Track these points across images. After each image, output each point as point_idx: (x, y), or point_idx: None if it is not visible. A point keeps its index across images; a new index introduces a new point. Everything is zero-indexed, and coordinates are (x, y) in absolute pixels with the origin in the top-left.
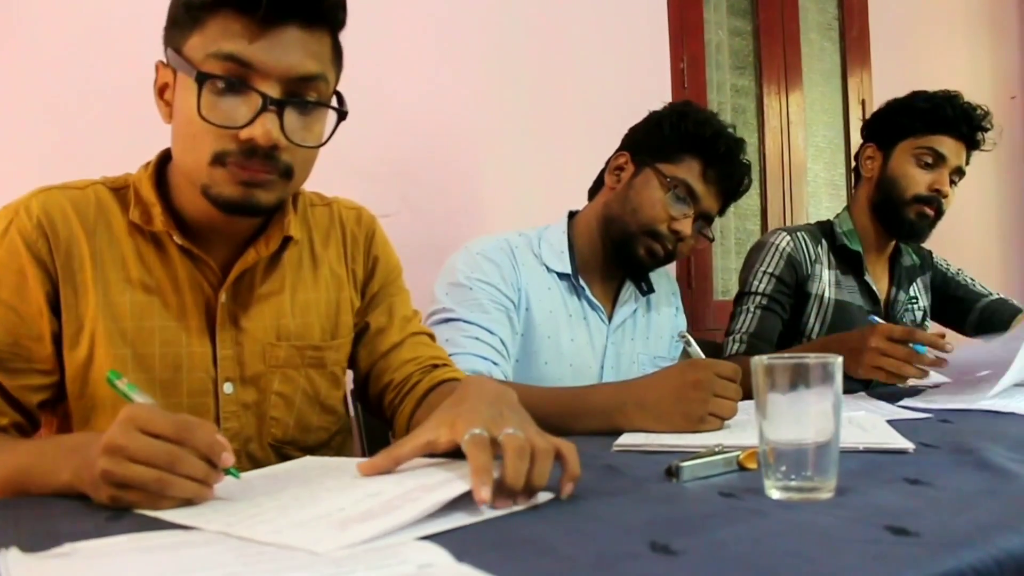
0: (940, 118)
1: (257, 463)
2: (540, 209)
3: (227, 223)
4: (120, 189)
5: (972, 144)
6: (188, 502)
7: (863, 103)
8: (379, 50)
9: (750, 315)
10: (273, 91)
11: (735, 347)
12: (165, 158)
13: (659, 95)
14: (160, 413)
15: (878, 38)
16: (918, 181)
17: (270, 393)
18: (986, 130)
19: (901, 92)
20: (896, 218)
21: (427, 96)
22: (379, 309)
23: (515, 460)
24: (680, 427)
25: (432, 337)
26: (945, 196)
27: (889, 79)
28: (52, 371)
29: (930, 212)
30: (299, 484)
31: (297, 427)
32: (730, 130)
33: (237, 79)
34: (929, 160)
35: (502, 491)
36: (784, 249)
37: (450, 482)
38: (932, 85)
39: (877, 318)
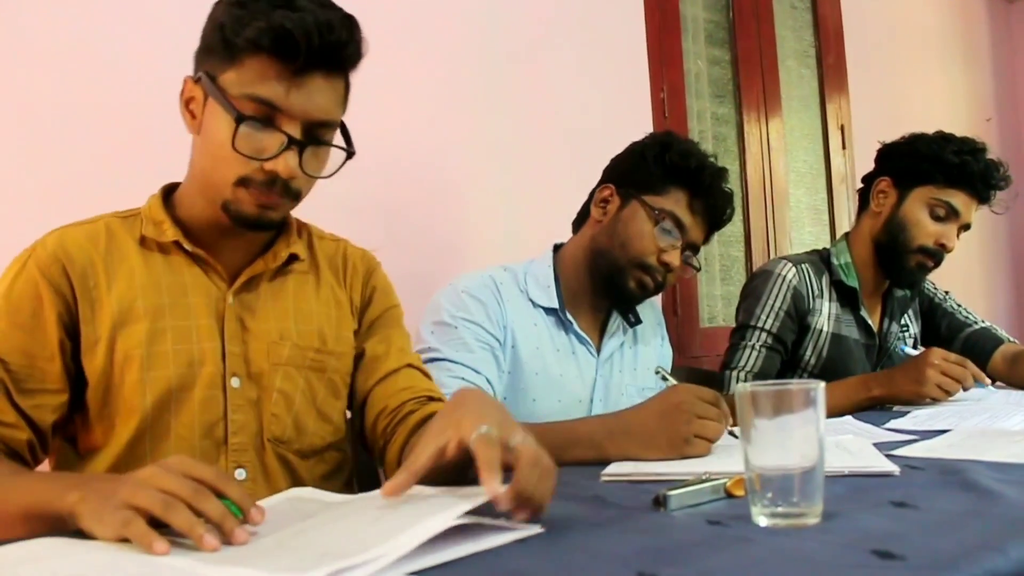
0: (964, 174)
1: (262, 460)
2: (525, 241)
3: (236, 235)
4: (129, 216)
5: (983, 200)
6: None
7: (842, 128)
8: (362, 85)
9: (756, 353)
10: (295, 132)
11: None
12: (169, 189)
13: (641, 125)
14: (203, 464)
15: (854, 64)
16: (928, 232)
17: (272, 390)
18: (1001, 189)
19: (879, 116)
20: (896, 264)
21: (410, 130)
22: (376, 337)
23: (529, 469)
24: (666, 452)
25: (428, 376)
26: (949, 251)
27: (867, 103)
28: (63, 390)
29: (930, 263)
30: (285, 522)
31: (294, 427)
32: (712, 159)
33: (266, 118)
34: (942, 213)
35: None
36: (791, 281)
37: (444, 509)
38: (909, 109)
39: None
